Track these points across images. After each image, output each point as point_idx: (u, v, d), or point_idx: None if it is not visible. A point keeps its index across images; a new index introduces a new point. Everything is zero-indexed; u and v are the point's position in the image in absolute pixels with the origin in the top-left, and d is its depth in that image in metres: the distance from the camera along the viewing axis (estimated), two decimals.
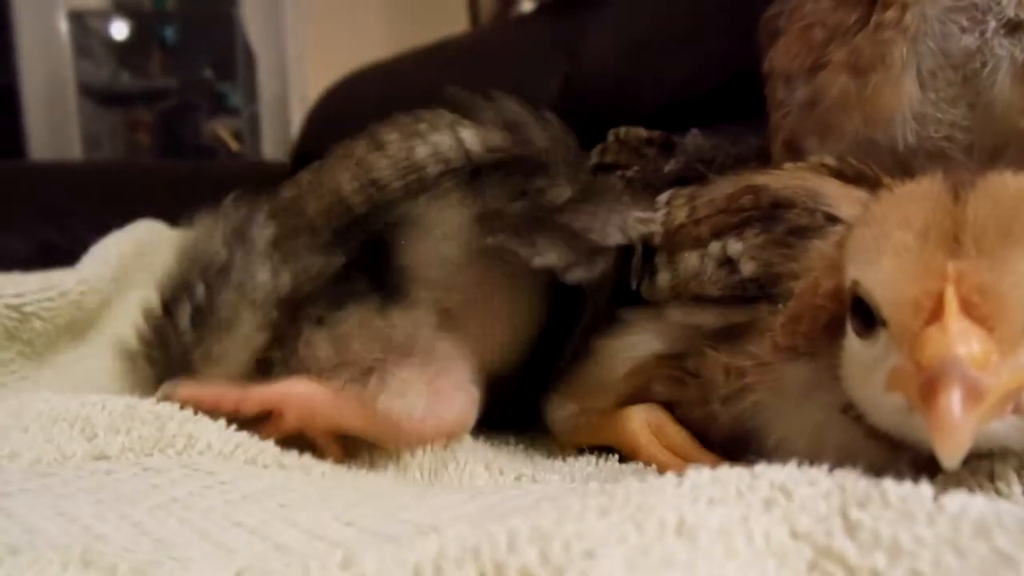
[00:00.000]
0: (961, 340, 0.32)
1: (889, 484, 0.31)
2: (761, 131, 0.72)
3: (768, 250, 0.48)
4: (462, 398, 0.56)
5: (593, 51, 1.90)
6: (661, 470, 0.49)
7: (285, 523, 0.40)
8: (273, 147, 2.80)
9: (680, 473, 0.34)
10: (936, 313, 0.33)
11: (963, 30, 0.54)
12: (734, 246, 0.50)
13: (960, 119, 0.55)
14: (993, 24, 0.53)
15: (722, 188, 0.56)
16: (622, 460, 0.55)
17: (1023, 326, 0.33)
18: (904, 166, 0.54)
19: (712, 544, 0.28)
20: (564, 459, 0.58)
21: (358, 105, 2.37)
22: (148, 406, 0.50)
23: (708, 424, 0.50)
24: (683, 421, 0.52)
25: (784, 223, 0.48)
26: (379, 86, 2.39)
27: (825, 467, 0.34)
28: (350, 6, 2.78)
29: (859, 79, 0.57)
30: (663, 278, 0.54)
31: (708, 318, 0.50)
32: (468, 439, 0.60)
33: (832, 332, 0.43)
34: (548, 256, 0.55)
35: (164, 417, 0.49)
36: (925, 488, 0.30)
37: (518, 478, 0.51)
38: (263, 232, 0.58)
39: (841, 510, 0.30)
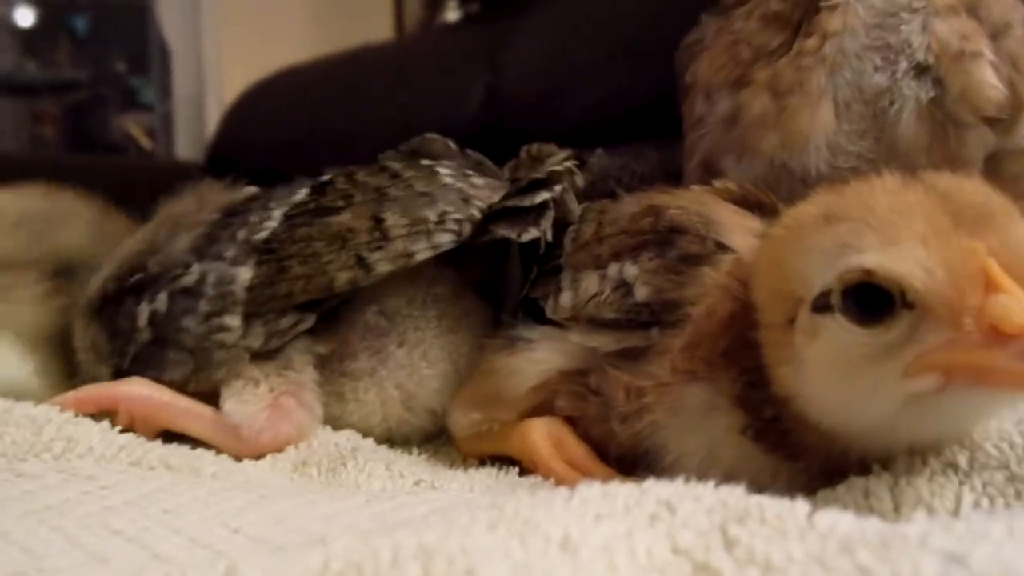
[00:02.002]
0: None
1: (767, 501, 0.32)
2: (677, 151, 0.73)
3: (661, 276, 0.49)
4: (302, 416, 0.59)
5: (516, 64, 1.92)
6: (558, 483, 0.49)
7: (168, 530, 0.38)
8: (187, 146, 2.73)
9: (572, 487, 0.35)
10: (991, 286, 0.34)
11: (876, 68, 0.56)
12: (630, 269, 0.51)
13: (867, 151, 0.57)
14: (904, 65, 0.56)
15: (628, 206, 0.57)
16: (523, 472, 0.55)
17: None
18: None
19: (594, 560, 0.29)
20: (465, 469, 0.58)
21: (277, 107, 2.33)
22: (25, 409, 0.48)
23: (607, 441, 0.51)
24: (584, 437, 0.52)
25: (677, 249, 0.49)
26: (299, 89, 2.35)
27: (711, 483, 0.35)
28: (271, 5, 2.73)
29: (779, 101, 0.58)
30: (566, 298, 0.54)
31: (605, 341, 0.50)
32: (371, 441, 0.60)
33: (730, 357, 0.45)
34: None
35: (41, 420, 0.47)
36: (801, 505, 0.32)
37: (417, 483, 0.51)
38: (241, 272, 0.60)
39: (721, 526, 0.31)
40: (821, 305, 0.38)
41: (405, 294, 0.62)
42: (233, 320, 0.59)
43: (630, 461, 0.50)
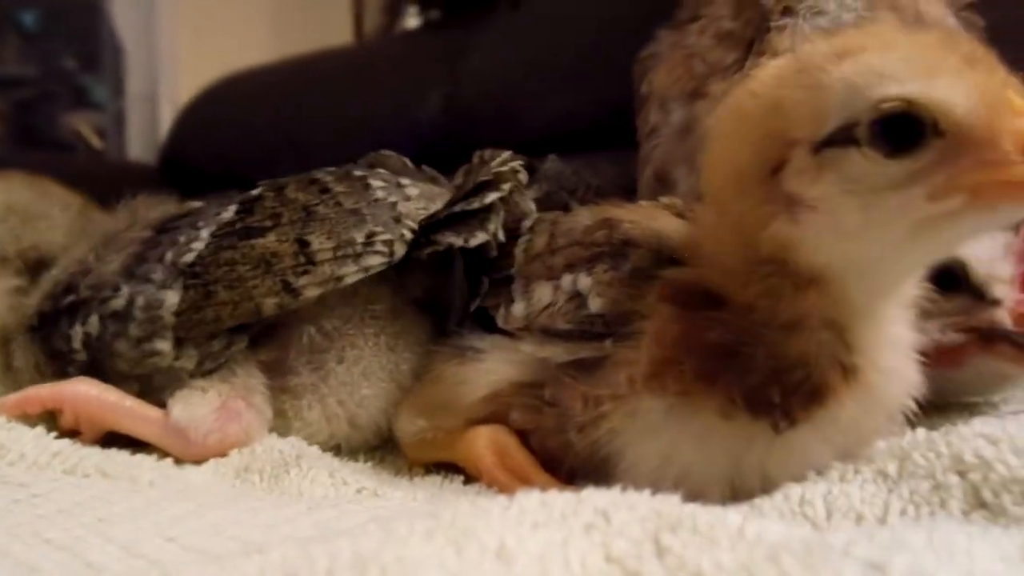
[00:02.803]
0: None
1: (700, 510, 0.33)
2: (631, 163, 0.74)
3: (615, 288, 0.49)
4: (251, 417, 0.59)
5: (475, 73, 1.92)
6: (501, 492, 0.49)
7: (101, 539, 0.38)
8: (139, 147, 2.68)
9: (511, 496, 0.35)
10: (1017, 111, 0.37)
11: None
12: (584, 281, 0.51)
13: None
14: None
15: (582, 218, 0.57)
16: (468, 480, 0.56)
17: None
18: None
19: (528, 568, 0.29)
20: (411, 477, 0.58)
21: (234, 110, 2.31)
22: None
23: (564, 452, 0.51)
24: (539, 448, 0.53)
25: (630, 262, 0.50)
26: (257, 92, 2.33)
27: (646, 492, 0.35)
28: (229, 5, 2.70)
29: None
30: (518, 307, 0.54)
31: (558, 352, 0.51)
32: (316, 448, 0.60)
33: (705, 378, 0.45)
34: None
35: None
36: (733, 514, 0.32)
37: (360, 491, 0.51)
38: (168, 296, 0.59)
39: (655, 535, 0.31)
40: (841, 139, 0.40)
41: (341, 312, 0.61)
42: (164, 344, 0.59)
43: (586, 471, 0.50)
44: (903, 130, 0.38)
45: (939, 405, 0.59)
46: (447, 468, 0.58)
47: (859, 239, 0.41)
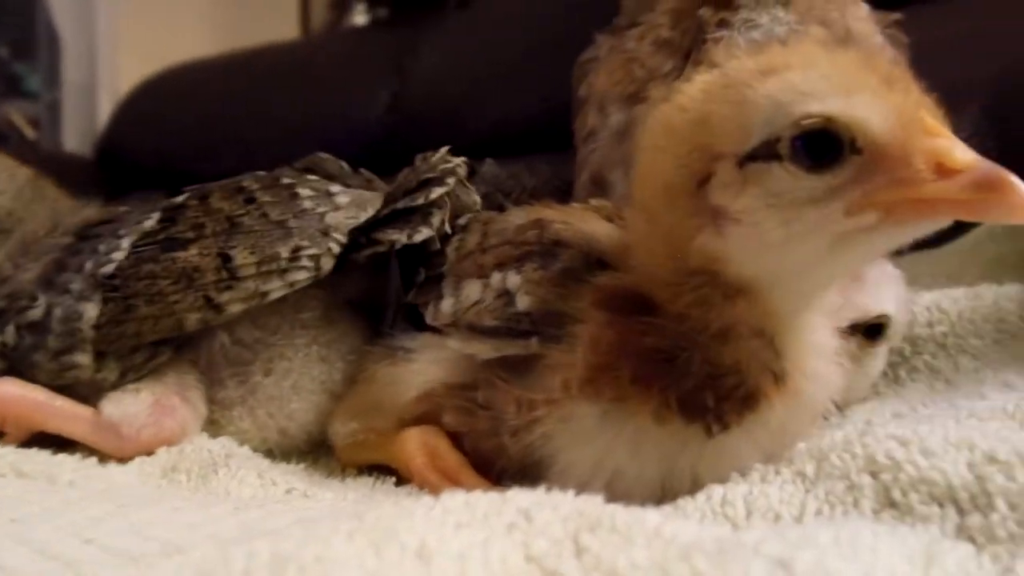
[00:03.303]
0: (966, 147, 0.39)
1: (620, 510, 0.33)
2: (568, 165, 0.75)
3: (543, 287, 0.50)
4: (186, 412, 0.58)
5: (423, 72, 1.92)
6: (432, 493, 0.49)
7: (14, 540, 0.37)
8: (76, 138, 2.61)
9: (437, 496, 0.35)
10: (929, 132, 0.39)
11: None
12: (513, 279, 0.51)
13: None
14: None
15: (514, 218, 0.58)
16: (400, 481, 0.55)
17: None
18: None
19: (447, 568, 0.29)
20: (342, 478, 0.58)
21: (175, 102, 2.26)
22: None
23: (497, 455, 0.51)
24: (472, 451, 0.53)
25: (560, 262, 0.50)
26: (200, 85, 2.28)
27: (570, 492, 0.36)
28: None
29: None
30: (447, 304, 0.54)
31: (484, 348, 0.51)
32: (247, 448, 0.59)
33: (641, 383, 0.45)
34: None
35: None
36: (651, 514, 0.33)
37: (289, 491, 0.50)
38: (87, 308, 0.57)
39: (575, 534, 0.32)
40: (763, 153, 0.41)
41: (266, 322, 0.60)
42: (83, 358, 0.57)
43: (519, 474, 0.50)
44: (823, 146, 0.39)
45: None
46: (379, 469, 0.58)
47: (781, 251, 0.42)
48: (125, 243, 0.59)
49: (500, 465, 0.51)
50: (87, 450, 0.55)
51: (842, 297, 0.59)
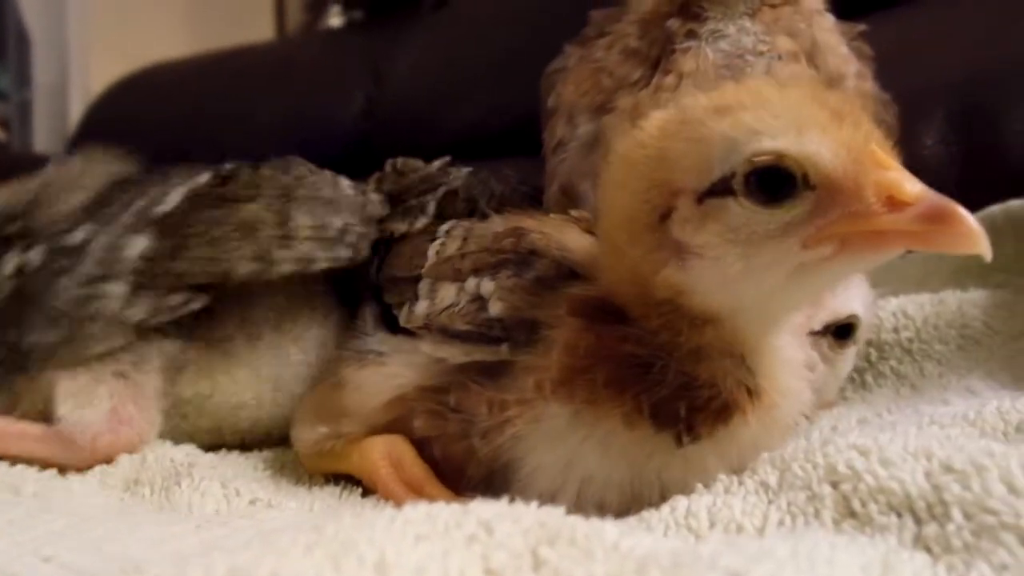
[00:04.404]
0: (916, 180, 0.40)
1: (581, 523, 0.33)
2: (539, 171, 0.75)
3: (516, 294, 0.50)
4: (143, 423, 0.58)
5: (398, 75, 1.91)
6: (395, 504, 0.49)
7: None
8: (46, 139, 2.58)
9: (398, 508, 0.35)
10: (880, 165, 0.40)
11: None
12: (487, 285, 0.52)
13: None
14: None
15: (494, 225, 0.58)
16: (367, 491, 0.55)
17: None
18: None
19: None
20: (309, 487, 0.57)
21: (149, 103, 2.24)
22: None
23: (467, 459, 0.51)
24: (442, 456, 0.53)
25: (535, 271, 0.51)
26: (175, 85, 2.27)
27: (533, 504, 0.36)
28: None
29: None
30: (422, 306, 0.55)
31: (455, 353, 0.51)
32: (211, 455, 0.58)
33: (615, 387, 0.46)
34: None
35: None
36: (611, 528, 0.33)
37: (252, 502, 0.50)
38: (137, 241, 0.56)
39: (534, 547, 0.32)
40: (720, 189, 0.42)
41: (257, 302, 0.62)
42: (117, 287, 0.56)
43: (488, 479, 0.50)
44: (776, 182, 0.40)
45: None
46: (347, 477, 0.57)
47: (743, 283, 0.43)
48: (179, 191, 0.59)
49: (469, 471, 0.51)
50: (45, 465, 0.55)
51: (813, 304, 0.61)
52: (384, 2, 2.13)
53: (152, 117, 2.21)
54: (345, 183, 0.65)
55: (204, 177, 0.62)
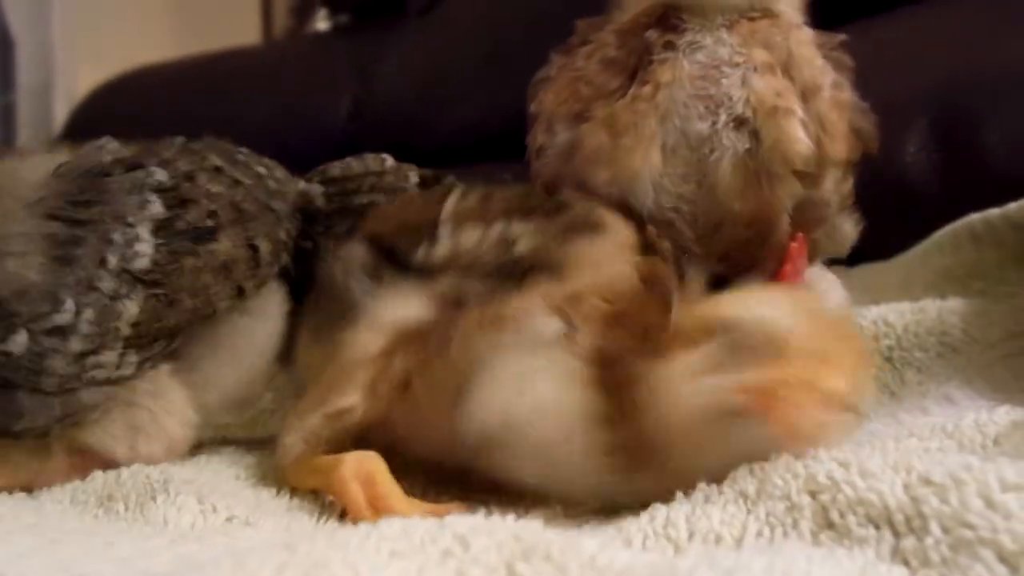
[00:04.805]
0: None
1: (556, 537, 0.33)
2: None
3: (544, 236, 0.53)
4: (175, 432, 0.59)
5: (386, 79, 1.91)
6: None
7: None
8: (30, 142, 2.56)
9: (374, 525, 0.35)
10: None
11: (700, 117, 0.59)
12: (516, 227, 0.54)
13: (688, 194, 0.61)
14: (724, 117, 0.59)
15: (516, 190, 0.61)
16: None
17: None
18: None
19: None
20: (289, 499, 0.56)
21: (134, 106, 2.23)
22: None
23: (440, 411, 0.50)
24: (412, 433, 0.53)
25: (564, 217, 0.54)
26: (160, 89, 2.25)
27: (509, 517, 0.36)
28: None
29: (614, 139, 0.61)
30: (444, 246, 0.56)
31: (476, 287, 0.52)
32: (189, 466, 0.57)
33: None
34: None
35: None
36: (588, 541, 0.33)
37: (229, 519, 0.49)
38: (128, 307, 0.55)
39: (508, 562, 0.32)
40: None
41: None
42: (111, 356, 0.55)
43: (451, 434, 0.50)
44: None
45: None
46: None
47: None
48: (143, 232, 0.56)
49: (442, 423, 0.50)
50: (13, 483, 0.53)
51: None
52: (371, 5, 2.12)
53: (137, 120, 2.19)
54: (280, 174, 0.67)
55: (156, 206, 0.58)
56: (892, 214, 0.86)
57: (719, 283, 0.53)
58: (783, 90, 0.59)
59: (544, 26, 0.80)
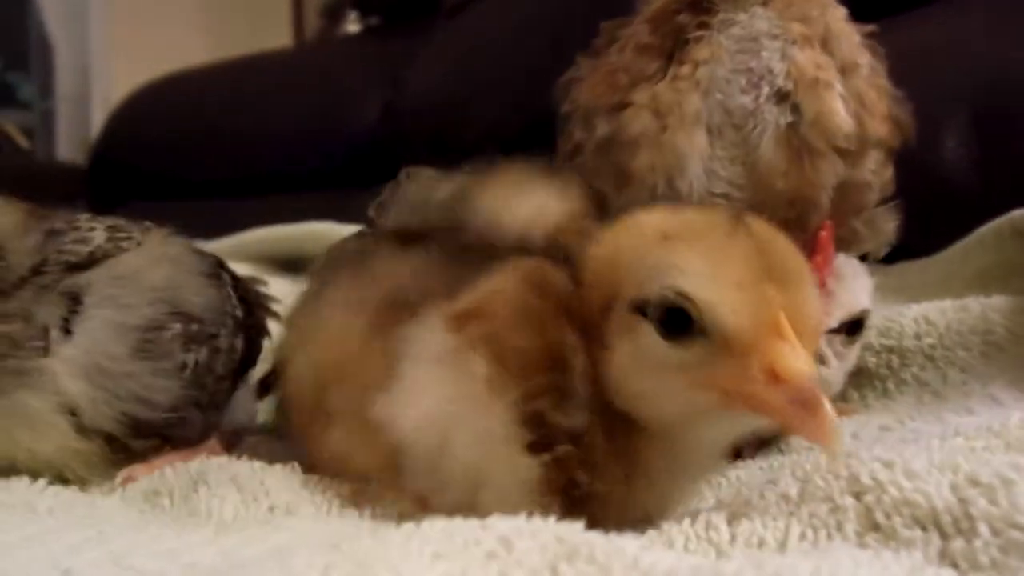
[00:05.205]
0: (807, 361, 0.39)
1: (598, 539, 0.33)
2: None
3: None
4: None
5: (415, 80, 1.92)
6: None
7: None
8: (70, 147, 2.61)
9: (416, 524, 0.35)
10: (779, 336, 0.39)
11: (742, 90, 0.59)
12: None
13: (737, 178, 0.60)
14: (766, 90, 0.58)
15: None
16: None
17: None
18: None
19: None
20: (330, 485, 0.55)
21: (169, 110, 2.26)
22: None
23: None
24: None
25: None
26: (192, 94, 2.29)
27: (551, 519, 0.36)
28: (165, 4, 2.65)
29: (659, 120, 0.60)
30: None
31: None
32: (226, 458, 0.58)
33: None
34: None
35: None
36: (631, 544, 0.33)
37: (271, 509, 0.49)
38: (238, 344, 0.64)
39: (552, 564, 0.32)
40: (639, 308, 0.42)
41: None
42: (224, 384, 0.62)
43: None
44: (679, 320, 0.40)
45: None
46: None
47: (641, 404, 0.43)
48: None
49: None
50: (66, 478, 0.55)
51: (829, 298, 0.60)
52: (401, 7, 2.13)
53: (171, 124, 2.23)
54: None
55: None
56: (932, 211, 0.85)
57: None
58: (823, 63, 0.58)
59: (573, 27, 0.80)
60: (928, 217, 0.74)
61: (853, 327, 0.62)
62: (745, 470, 0.55)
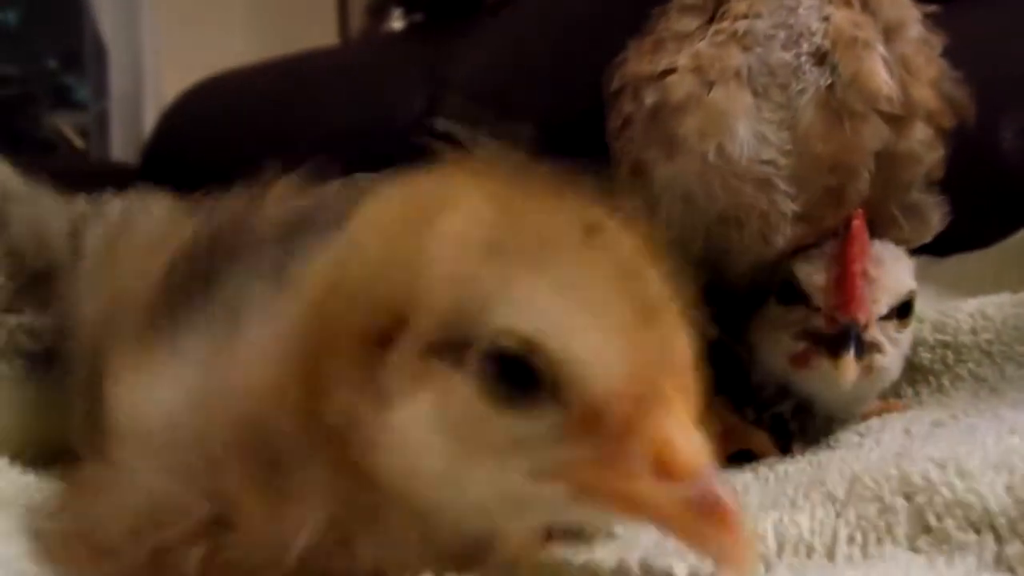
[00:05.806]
0: (702, 444, 0.28)
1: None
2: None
3: None
4: None
5: (459, 76, 1.92)
6: None
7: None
8: (123, 147, 2.66)
9: None
10: (663, 403, 0.28)
11: (783, 46, 0.57)
12: None
13: (785, 143, 0.57)
14: (806, 47, 0.57)
15: None
16: None
17: None
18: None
19: None
20: None
21: (218, 109, 2.30)
22: None
23: None
24: None
25: None
26: (242, 91, 2.32)
27: None
28: (214, 5, 2.69)
29: (701, 80, 0.58)
30: None
31: None
32: None
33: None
34: None
35: None
36: (678, 564, 0.32)
37: None
38: None
39: None
40: (451, 353, 0.29)
41: None
42: None
43: None
44: (516, 377, 0.28)
45: None
46: None
47: (436, 488, 0.30)
48: None
49: None
50: None
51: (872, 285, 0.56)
52: (445, 4, 2.14)
53: (221, 122, 2.27)
54: None
55: None
56: (988, 201, 0.82)
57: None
58: (862, 22, 0.56)
59: (615, 23, 0.79)
60: (984, 208, 0.71)
61: (903, 310, 0.60)
62: (793, 465, 0.54)
